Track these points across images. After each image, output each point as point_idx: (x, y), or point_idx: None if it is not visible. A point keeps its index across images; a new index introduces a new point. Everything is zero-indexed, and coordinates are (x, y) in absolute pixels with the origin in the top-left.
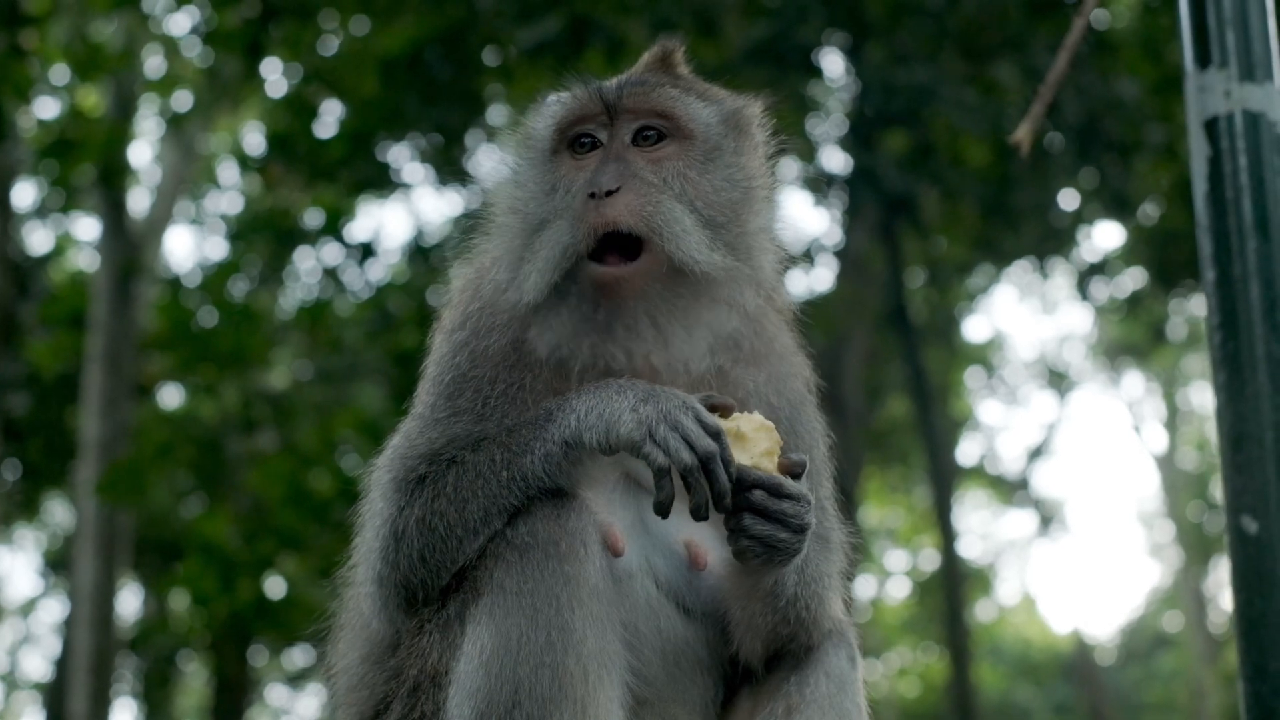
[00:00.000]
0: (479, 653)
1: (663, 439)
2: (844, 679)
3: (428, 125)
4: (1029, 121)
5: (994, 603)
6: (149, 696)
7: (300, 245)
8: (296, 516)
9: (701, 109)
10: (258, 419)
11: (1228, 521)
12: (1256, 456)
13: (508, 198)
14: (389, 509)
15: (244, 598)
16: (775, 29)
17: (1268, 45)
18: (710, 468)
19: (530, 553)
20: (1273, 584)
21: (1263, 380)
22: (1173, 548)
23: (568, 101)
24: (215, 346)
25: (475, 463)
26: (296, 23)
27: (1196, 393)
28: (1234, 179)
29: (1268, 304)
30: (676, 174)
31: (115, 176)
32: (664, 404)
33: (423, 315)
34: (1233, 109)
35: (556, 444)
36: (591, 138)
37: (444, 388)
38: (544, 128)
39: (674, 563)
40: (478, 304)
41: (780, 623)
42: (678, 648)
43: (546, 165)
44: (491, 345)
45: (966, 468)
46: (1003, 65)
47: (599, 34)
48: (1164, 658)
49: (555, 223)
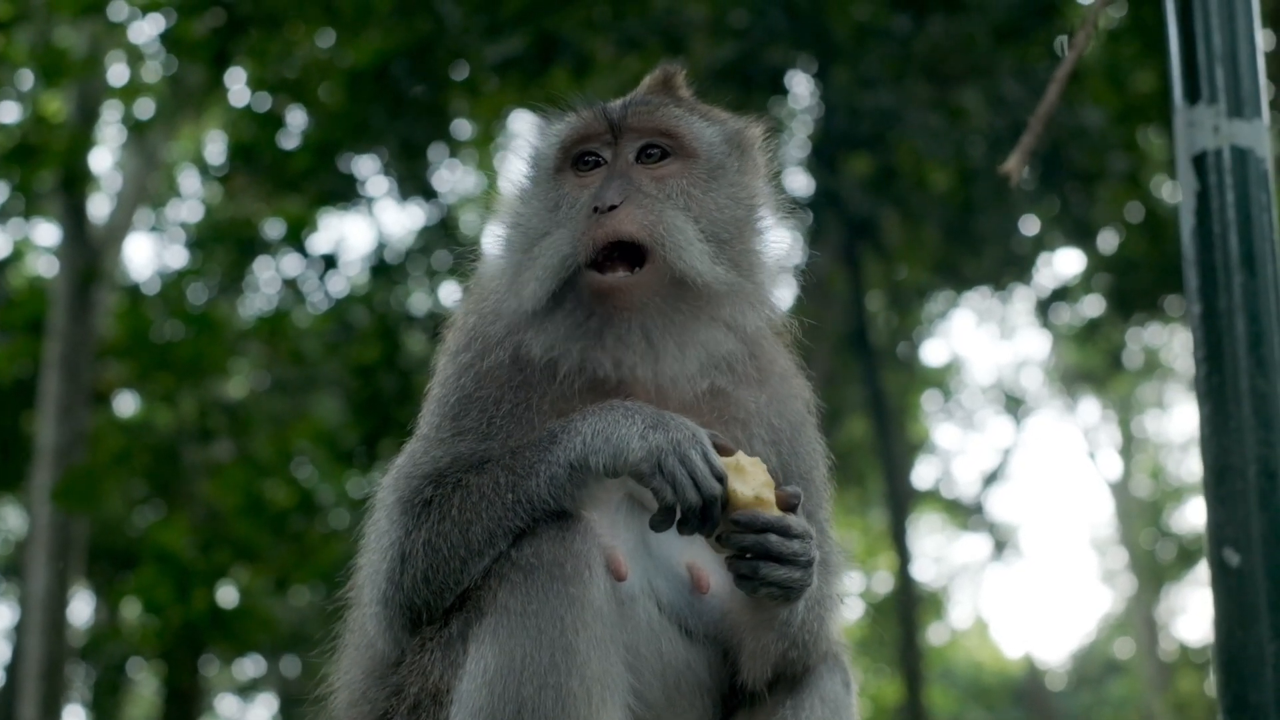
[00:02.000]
0: (482, 672)
1: (670, 472)
2: (838, 703)
3: (393, 139)
4: (1020, 152)
5: (946, 626)
6: (99, 705)
7: (261, 255)
8: (253, 527)
9: (705, 128)
10: (214, 428)
11: (1209, 553)
12: (1239, 489)
13: (511, 214)
14: (395, 531)
15: (198, 607)
16: (743, 50)
17: (1256, 82)
18: (709, 510)
19: (535, 574)
20: (1254, 616)
21: (1247, 414)
22: (1125, 574)
23: (572, 121)
24: (174, 355)
25: (479, 485)
26: (264, 33)
27: (1151, 420)
28: (1221, 214)
29: (1253, 338)
30: (680, 190)
31: (77, 183)
32: (674, 434)
33: (384, 328)
34: (1221, 144)
35: (561, 466)
36: (595, 156)
37: (449, 408)
38: (548, 146)
39: (676, 586)
40: (482, 323)
41: (790, 647)
42: (678, 670)
43: (550, 183)
44: (493, 363)
45: (922, 491)
46: (967, 91)
47: (566, 52)
48: (1115, 684)
49: (555, 233)
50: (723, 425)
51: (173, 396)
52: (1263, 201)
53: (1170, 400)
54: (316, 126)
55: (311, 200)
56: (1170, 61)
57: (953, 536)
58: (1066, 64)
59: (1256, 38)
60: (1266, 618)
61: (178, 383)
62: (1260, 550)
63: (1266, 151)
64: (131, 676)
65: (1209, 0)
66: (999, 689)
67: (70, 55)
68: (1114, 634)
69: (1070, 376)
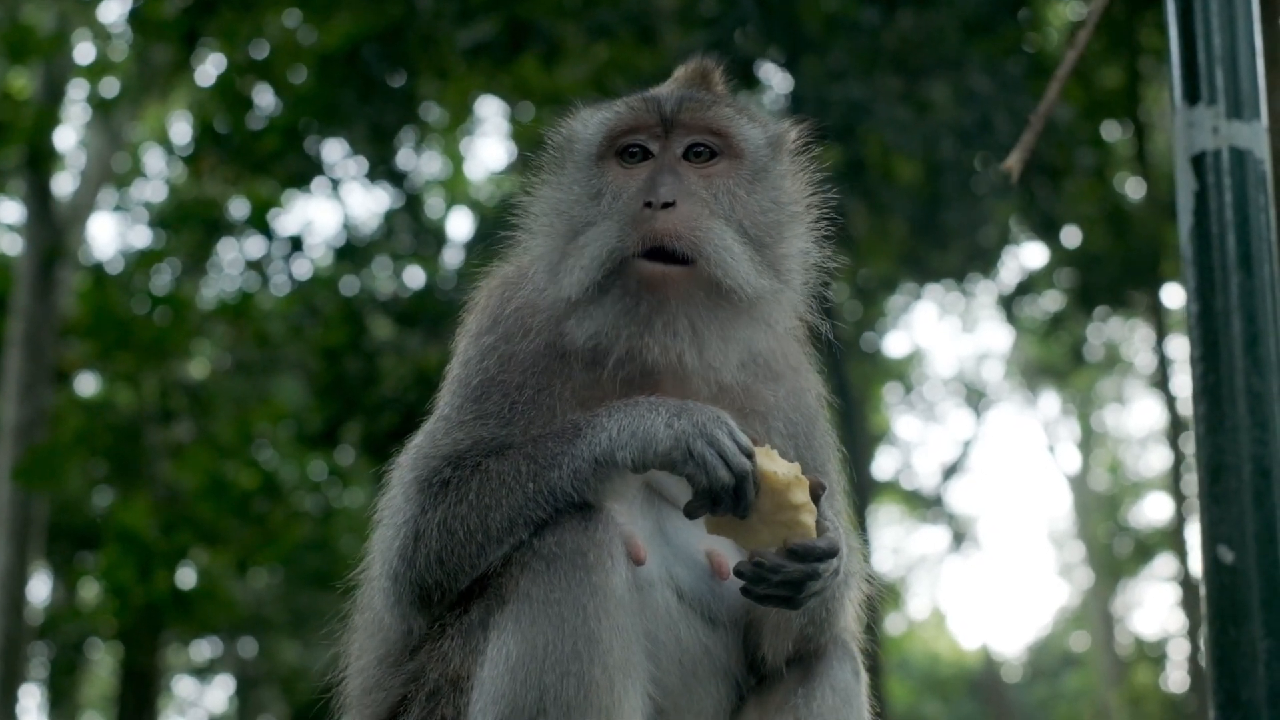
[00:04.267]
0: (505, 658)
1: (699, 455)
2: (849, 692)
3: (363, 122)
4: (1020, 150)
5: (904, 617)
6: (55, 684)
7: (226, 237)
8: (215, 509)
9: (751, 129)
10: (175, 409)
11: (1203, 551)
12: (1234, 488)
13: (549, 200)
14: (411, 509)
15: (160, 588)
16: (713, 39)
17: (1255, 84)
18: (742, 487)
19: (557, 563)
20: (1247, 613)
21: (1242, 413)
22: (1082, 568)
23: (621, 110)
24: (136, 335)
25: (500, 471)
26: (234, 14)
27: (1111, 415)
28: (1219, 214)
29: (1249, 338)
30: (726, 192)
31: (42, 161)
32: (698, 417)
33: (349, 311)
34: (1220, 145)
35: (586, 461)
36: (641, 148)
37: (471, 390)
38: (592, 133)
39: (696, 572)
40: (511, 306)
41: (808, 624)
42: (695, 657)
43: (592, 170)
44: (523, 349)
45: (881, 482)
46: (936, 85)
47: (537, 38)
48: (1070, 677)
49: (602, 224)
50: (743, 419)
51: (135, 376)
52: (1260, 202)
53: (1130, 395)
54: (286, 109)
55: (280, 182)
56: (1170, 62)
57: (911, 528)
58: (1067, 62)
59: (1256, 39)
60: (1259, 615)
61: (140, 363)
62: (1254, 548)
63: (1265, 153)
64: (89, 656)
65: (1209, 2)
66: (955, 680)
67: (37, 33)
68: (1070, 627)
69: (1031, 370)
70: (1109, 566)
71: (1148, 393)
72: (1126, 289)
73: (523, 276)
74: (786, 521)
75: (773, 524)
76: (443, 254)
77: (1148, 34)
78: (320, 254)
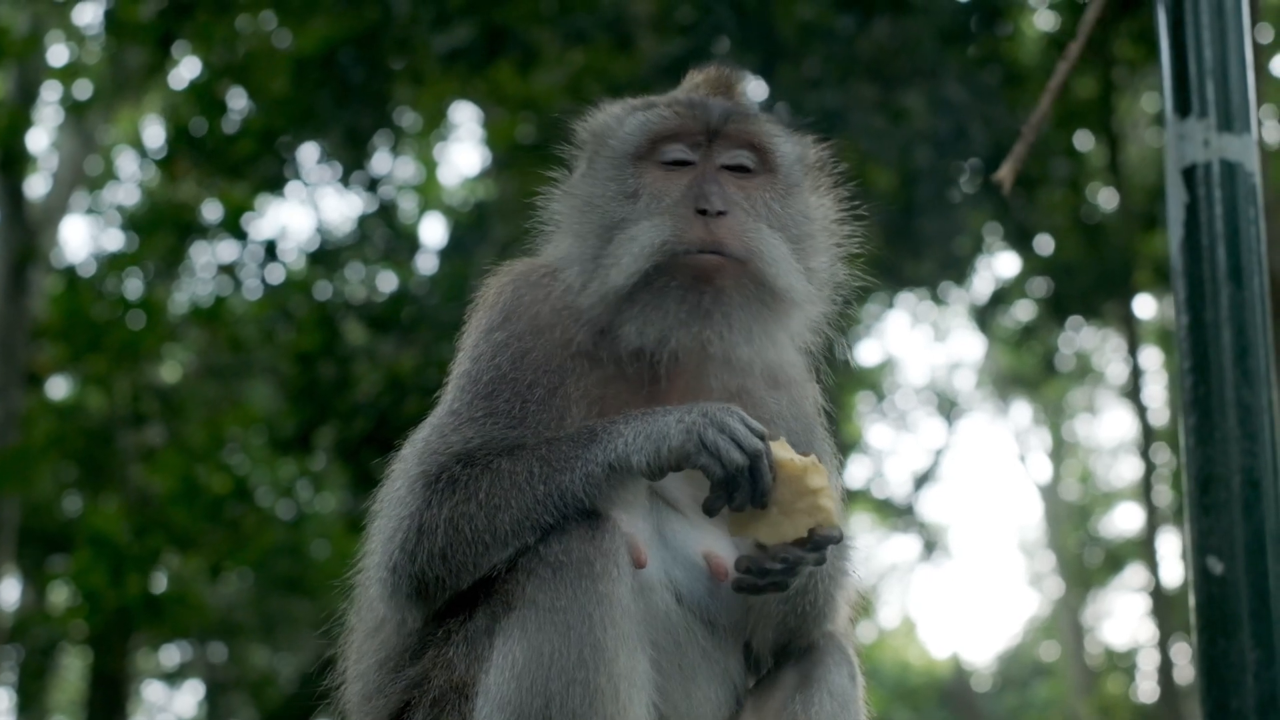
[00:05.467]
0: (510, 665)
1: (712, 443)
2: (846, 697)
3: (339, 126)
4: (1012, 161)
5: (874, 625)
6: (24, 688)
7: (199, 240)
8: (188, 513)
9: (787, 145)
10: (146, 413)
11: (1193, 561)
12: (1224, 499)
13: (578, 197)
14: (415, 502)
15: (132, 592)
16: (689, 45)
17: (1246, 97)
18: (757, 467)
19: (563, 570)
20: (1236, 624)
21: (1232, 424)
22: (1053, 578)
23: (665, 114)
24: (108, 338)
25: (512, 472)
26: (211, 17)
27: (1082, 425)
28: (1210, 227)
29: (1239, 350)
30: (764, 204)
31: (15, 163)
32: (708, 409)
33: (323, 316)
34: (1211, 158)
35: (600, 465)
36: (681, 153)
37: (482, 387)
38: (630, 133)
39: (694, 575)
40: (525, 302)
41: (789, 613)
42: (694, 661)
43: (627, 169)
44: (537, 346)
45: (853, 490)
46: (911, 93)
47: (513, 43)
48: (1040, 686)
49: (647, 220)
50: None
51: (106, 380)
52: (1250, 215)
53: (1101, 405)
54: (261, 112)
55: (255, 186)
56: (1162, 75)
57: (883, 536)
58: (1059, 75)
59: (1247, 53)
60: (1248, 626)
61: (114, 367)
62: (1243, 559)
63: (1255, 166)
64: (58, 661)
65: (1201, 15)
66: (925, 689)
67: (10, 34)
68: (1040, 637)
69: (1003, 380)
70: (1079, 576)
71: (1119, 403)
72: (1099, 299)
73: (536, 272)
74: (807, 508)
75: (794, 513)
76: (416, 259)
77: (1122, 45)
78: (293, 258)
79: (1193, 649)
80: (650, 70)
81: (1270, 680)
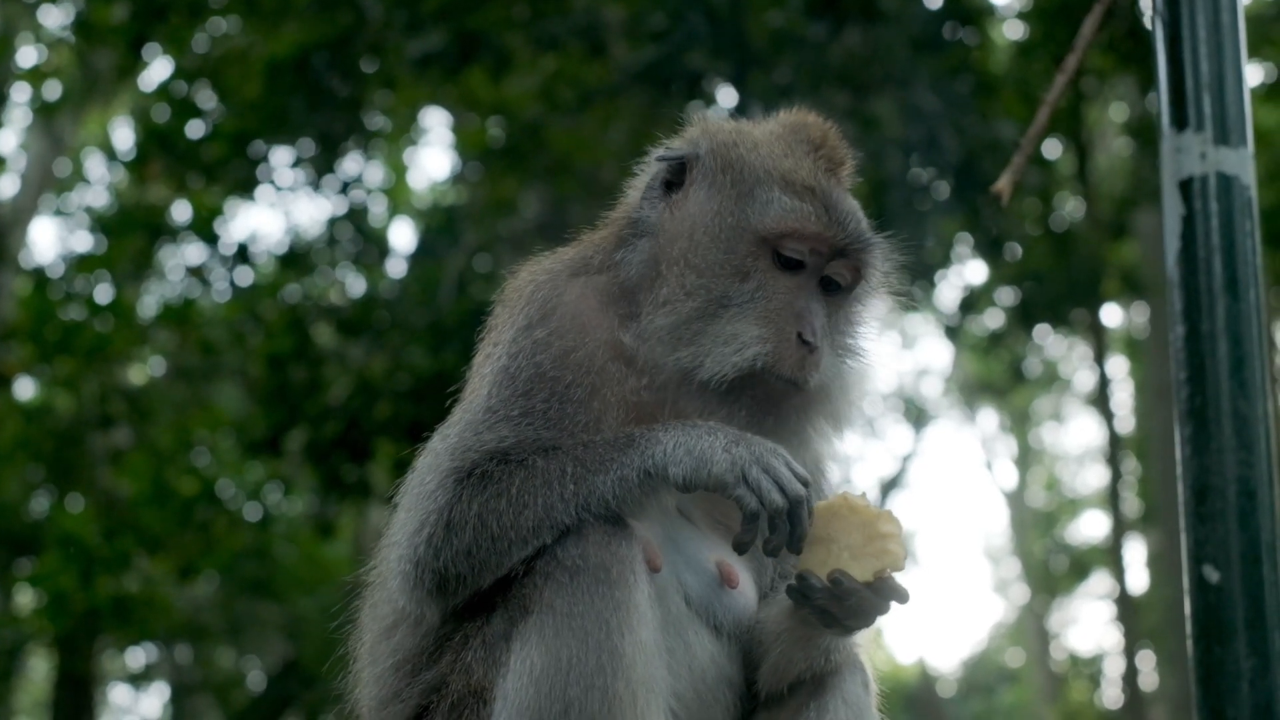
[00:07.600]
0: (529, 670)
1: (755, 481)
2: (860, 706)
3: (312, 131)
4: (1010, 173)
5: None
6: None
7: (169, 243)
8: (158, 516)
9: (885, 265)
10: (114, 414)
11: (1189, 570)
12: (1219, 509)
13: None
14: (446, 497)
15: (101, 594)
16: (662, 53)
17: (1243, 111)
18: (796, 513)
19: (581, 575)
20: (1232, 632)
21: (1227, 435)
22: (1018, 584)
23: (803, 214)
24: (77, 340)
25: (545, 469)
26: (183, 20)
27: (1048, 432)
28: (1206, 239)
29: (1235, 361)
30: (846, 321)
31: None
32: (756, 448)
33: (294, 319)
34: (1207, 171)
35: (635, 470)
36: (801, 253)
37: (520, 384)
38: (766, 214)
39: (705, 580)
40: (572, 303)
41: (815, 661)
42: (704, 666)
43: (747, 244)
44: (580, 346)
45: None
46: (883, 101)
47: (486, 49)
48: (1006, 692)
49: (749, 325)
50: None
51: (75, 381)
52: (1246, 228)
53: (1067, 413)
54: (234, 116)
55: (226, 189)
56: (1158, 88)
57: None
58: (1056, 88)
59: (1243, 66)
60: (1244, 634)
61: (83, 368)
62: (1239, 568)
63: (1251, 179)
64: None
65: (1197, 29)
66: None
67: None
68: (1006, 643)
69: (970, 387)
70: (1045, 583)
71: (1085, 411)
72: (1067, 307)
73: (570, 268)
74: (876, 552)
75: (863, 556)
76: (386, 263)
77: (1091, 55)
78: (263, 261)
79: (1189, 657)
80: (622, 77)
81: (1265, 688)
